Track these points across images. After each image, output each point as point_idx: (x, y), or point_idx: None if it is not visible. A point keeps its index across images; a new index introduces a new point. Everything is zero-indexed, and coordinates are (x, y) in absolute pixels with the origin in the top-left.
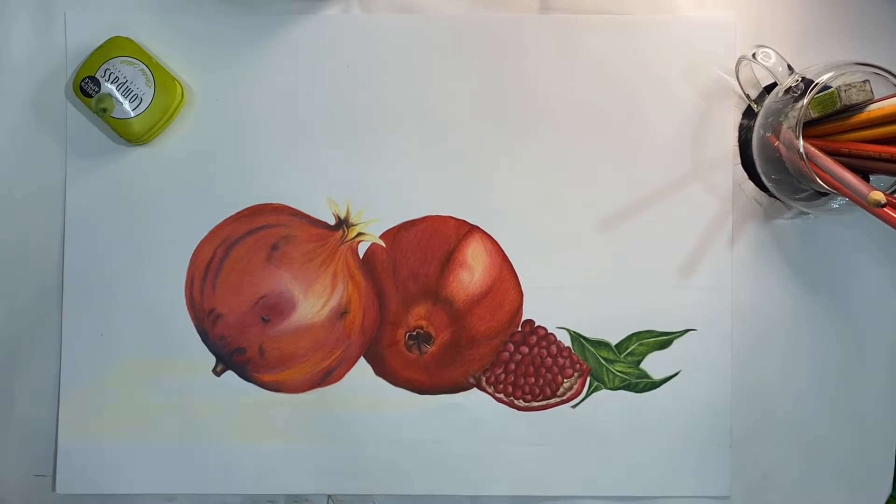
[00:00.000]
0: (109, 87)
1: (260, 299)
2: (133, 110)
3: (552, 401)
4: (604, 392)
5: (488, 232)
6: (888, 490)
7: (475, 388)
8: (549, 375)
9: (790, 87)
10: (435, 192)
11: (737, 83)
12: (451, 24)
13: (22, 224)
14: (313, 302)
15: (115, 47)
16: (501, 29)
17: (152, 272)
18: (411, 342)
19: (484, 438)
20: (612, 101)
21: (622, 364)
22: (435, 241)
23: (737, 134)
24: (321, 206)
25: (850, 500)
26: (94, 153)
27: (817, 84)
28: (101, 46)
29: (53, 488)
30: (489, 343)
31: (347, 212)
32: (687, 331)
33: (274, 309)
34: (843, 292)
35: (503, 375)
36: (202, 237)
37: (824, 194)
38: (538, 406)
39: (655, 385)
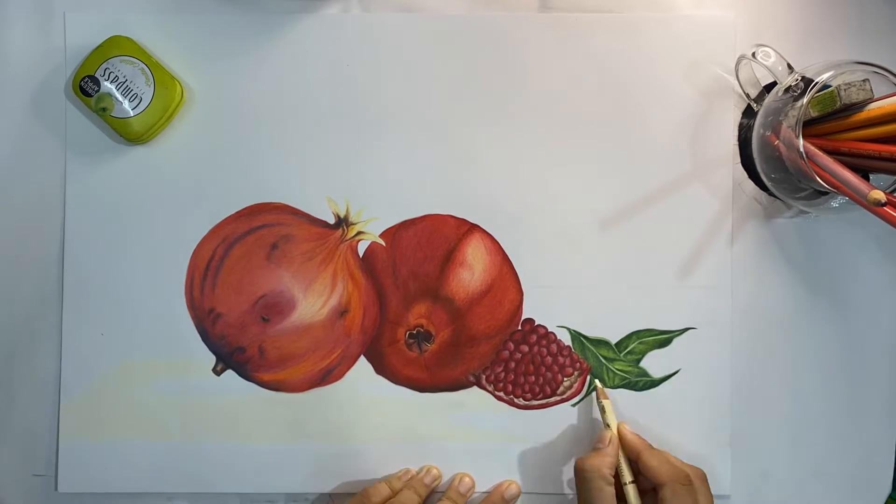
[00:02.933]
0: (109, 86)
1: (260, 298)
2: (133, 109)
3: (552, 399)
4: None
5: (488, 231)
6: (888, 490)
7: (475, 387)
8: (549, 374)
9: (790, 86)
10: (435, 190)
11: (737, 82)
12: (451, 23)
13: (22, 224)
14: (313, 301)
15: (115, 46)
16: (501, 28)
17: (152, 271)
18: (411, 341)
19: (484, 437)
20: (612, 100)
21: (622, 363)
22: (435, 239)
23: (737, 133)
24: (321, 204)
25: (850, 500)
26: (94, 153)
27: (817, 83)
28: (100, 46)
29: (55, 487)
30: (489, 342)
31: (347, 211)
32: (687, 329)
33: (274, 308)
34: (843, 291)
35: (503, 374)
36: (202, 236)
37: (824, 193)
38: (538, 405)
39: (655, 383)
